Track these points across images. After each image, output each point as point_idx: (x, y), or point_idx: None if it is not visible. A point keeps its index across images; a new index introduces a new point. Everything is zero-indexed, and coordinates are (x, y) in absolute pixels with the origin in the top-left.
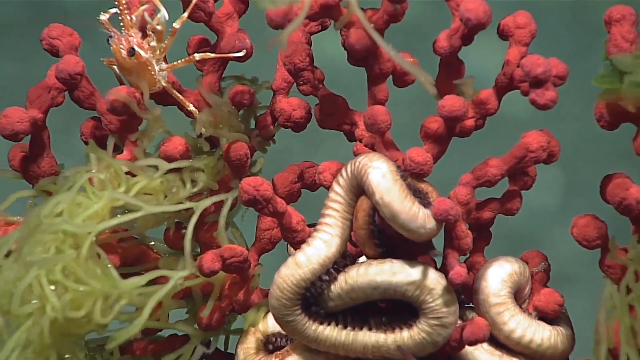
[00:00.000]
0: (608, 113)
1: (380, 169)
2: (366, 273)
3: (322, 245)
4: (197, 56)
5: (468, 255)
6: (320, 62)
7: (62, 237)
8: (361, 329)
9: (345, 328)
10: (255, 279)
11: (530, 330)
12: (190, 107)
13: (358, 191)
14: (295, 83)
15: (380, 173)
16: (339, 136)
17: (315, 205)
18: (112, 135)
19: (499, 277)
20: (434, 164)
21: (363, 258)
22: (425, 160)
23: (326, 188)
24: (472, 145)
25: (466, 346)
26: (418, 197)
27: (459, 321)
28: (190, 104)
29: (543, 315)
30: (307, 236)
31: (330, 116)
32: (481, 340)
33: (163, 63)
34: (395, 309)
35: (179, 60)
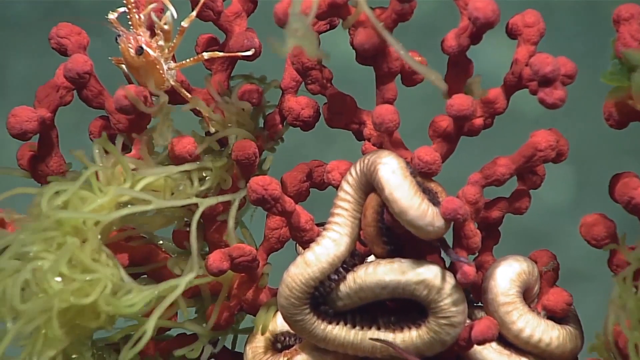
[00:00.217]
0: (617, 112)
1: (390, 165)
2: (375, 272)
3: (332, 245)
4: (206, 55)
5: (477, 254)
6: (333, 59)
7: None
8: (370, 328)
9: (354, 327)
10: (263, 278)
11: (539, 329)
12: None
13: (367, 189)
14: (303, 82)
15: (390, 169)
16: (351, 134)
17: (324, 205)
18: (121, 134)
19: (507, 277)
20: (443, 163)
21: (372, 257)
22: (433, 159)
23: (335, 187)
24: (485, 144)
25: (475, 345)
26: (427, 195)
27: (467, 320)
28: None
29: (552, 315)
30: (316, 235)
31: (338, 115)
32: (490, 340)
33: (171, 62)
34: (404, 308)
35: (188, 59)
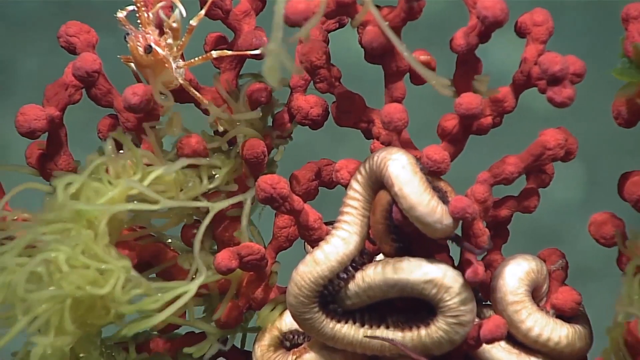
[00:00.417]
0: (626, 110)
1: (400, 160)
2: (383, 271)
3: (341, 243)
4: (215, 54)
5: (486, 253)
6: (345, 57)
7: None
8: (378, 327)
9: (362, 326)
10: (272, 277)
11: (548, 328)
12: (208, 105)
13: (377, 187)
14: (312, 81)
15: (400, 165)
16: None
17: (333, 203)
18: (129, 133)
19: (516, 275)
20: (451, 162)
21: (380, 256)
22: (442, 158)
23: (343, 186)
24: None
25: (483, 344)
26: (437, 193)
27: (476, 319)
28: (207, 102)
29: (561, 314)
30: (324, 234)
31: (347, 114)
32: (499, 339)
33: (180, 60)
34: (412, 307)
35: (196, 58)
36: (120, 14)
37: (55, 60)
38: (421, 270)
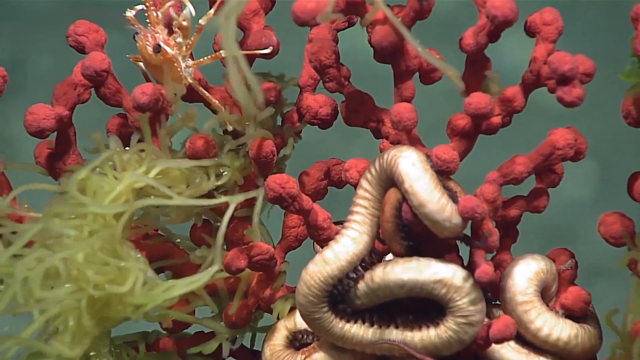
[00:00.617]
0: (635, 110)
1: (411, 158)
2: (393, 271)
3: (350, 243)
4: (224, 53)
5: (495, 253)
6: (353, 54)
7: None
8: (388, 327)
9: (372, 326)
10: (281, 277)
11: (557, 328)
12: (217, 104)
13: (387, 185)
14: (321, 80)
15: (411, 162)
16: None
17: (342, 203)
18: (138, 132)
19: (525, 275)
20: (461, 161)
21: (390, 256)
22: (451, 157)
23: (352, 186)
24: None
25: (493, 344)
26: (447, 192)
27: (485, 319)
28: (216, 101)
29: (570, 314)
30: (334, 234)
31: (356, 113)
32: (508, 339)
33: (189, 60)
34: (422, 307)
35: (206, 57)
36: (130, 13)
37: (67, 59)
38: (431, 270)
